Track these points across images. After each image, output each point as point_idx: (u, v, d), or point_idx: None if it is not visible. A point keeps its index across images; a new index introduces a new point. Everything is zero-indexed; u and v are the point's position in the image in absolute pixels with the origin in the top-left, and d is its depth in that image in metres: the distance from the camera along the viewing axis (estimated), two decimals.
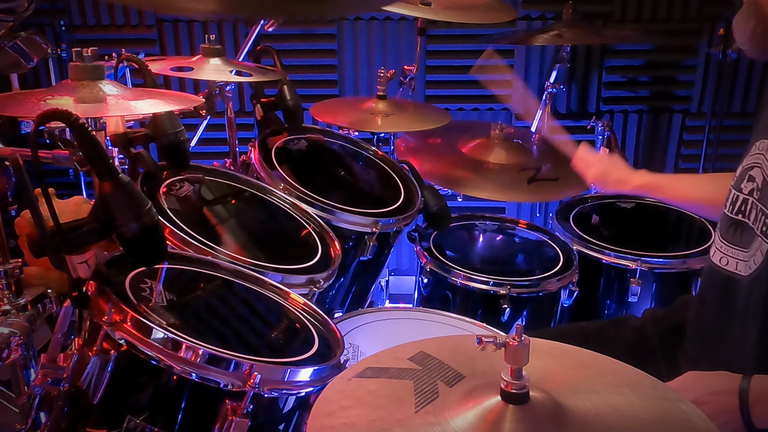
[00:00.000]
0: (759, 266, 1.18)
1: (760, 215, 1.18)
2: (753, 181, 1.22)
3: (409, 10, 2.12)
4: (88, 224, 1.01)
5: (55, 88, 1.27)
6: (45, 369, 1.11)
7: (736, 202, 1.26)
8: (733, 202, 1.27)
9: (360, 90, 2.95)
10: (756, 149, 1.24)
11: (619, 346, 1.47)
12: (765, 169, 1.20)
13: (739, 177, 1.27)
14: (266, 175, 1.74)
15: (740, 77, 2.86)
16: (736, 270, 1.23)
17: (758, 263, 1.18)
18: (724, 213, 1.30)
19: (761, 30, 1.20)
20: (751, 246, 1.20)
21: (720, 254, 1.28)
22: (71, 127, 0.98)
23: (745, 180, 1.24)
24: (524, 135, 2.39)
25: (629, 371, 0.95)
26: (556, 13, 2.70)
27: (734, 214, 1.26)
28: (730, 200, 1.28)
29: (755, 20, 1.20)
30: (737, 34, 1.25)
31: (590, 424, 0.82)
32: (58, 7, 2.76)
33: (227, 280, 1.36)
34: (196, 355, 1.04)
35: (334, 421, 0.83)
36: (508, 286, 1.80)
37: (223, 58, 1.86)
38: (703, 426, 0.84)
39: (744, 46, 1.25)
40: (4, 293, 1.35)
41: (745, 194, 1.24)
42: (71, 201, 1.98)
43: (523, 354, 0.81)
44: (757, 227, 1.19)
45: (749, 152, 1.27)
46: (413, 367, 0.93)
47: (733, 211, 1.26)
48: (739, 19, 1.24)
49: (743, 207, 1.24)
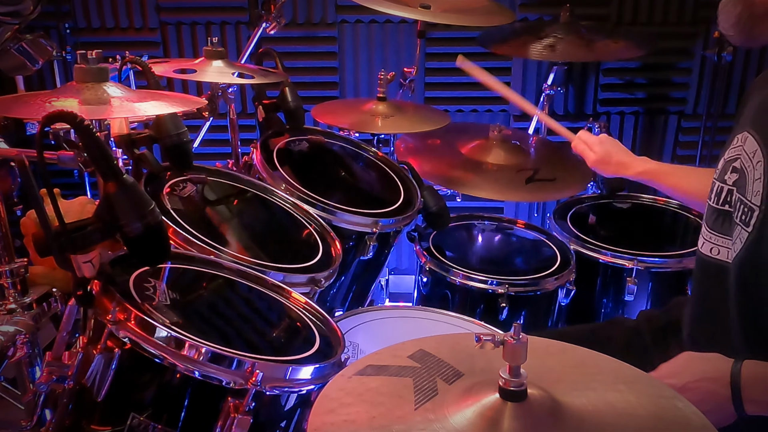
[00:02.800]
0: (737, 253, 1.21)
1: (740, 204, 1.21)
2: (736, 172, 1.24)
3: (408, 13, 2.13)
4: (92, 224, 1.02)
5: (60, 90, 1.28)
6: (50, 367, 1.12)
7: (721, 193, 1.28)
8: (718, 193, 1.29)
9: (360, 92, 2.95)
10: (737, 141, 1.26)
11: (615, 345, 1.49)
12: (744, 160, 1.22)
13: (723, 169, 1.29)
14: (268, 175, 1.75)
15: (735, 79, 2.87)
16: (726, 258, 1.26)
17: (738, 250, 1.21)
18: (709, 204, 1.32)
19: (747, 16, 1.20)
20: (732, 234, 1.23)
21: (709, 244, 1.30)
22: (76, 128, 0.99)
23: (728, 171, 1.26)
24: (522, 136, 2.40)
25: (625, 369, 0.96)
26: (553, 16, 2.71)
27: (720, 205, 1.28)
28: (714, 192, 1.30)
29: (741, 6, 1.20)
30: (722, 19, 1.24)
31: (587, 421, 0.83)
32: (62, 10, 2.77)
33: (230, 280, 1.36)
34: (199, 353, 1.05)
35: (335, 418, 0.83)
36: (506, 285, 1.81)
37: (225, 61, 1.87)
38: (699, 423, 0.84)
39: (728, 32, 1.25)
40: (9, 292, 1.36)
41: (729, 185, 1.26)
42: (76, 201, 2.00)
43: (521, 352, 0.82)
44: (737, 216, 1.21)
45: (731, 144, 1.29)
46: (413, 365, 0.93)
47: (719, 202, 1.28)
48: (726, 4, 1.23)
49: (728, 197, 1.26)
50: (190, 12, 2.85)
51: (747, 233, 1.18)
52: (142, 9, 2.82)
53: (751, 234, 1.17)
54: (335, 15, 2.84)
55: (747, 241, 1.18)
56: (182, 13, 2.85)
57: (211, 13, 2.84)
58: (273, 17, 2.29)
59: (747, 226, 1.18)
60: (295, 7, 2.82)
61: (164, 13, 2.85)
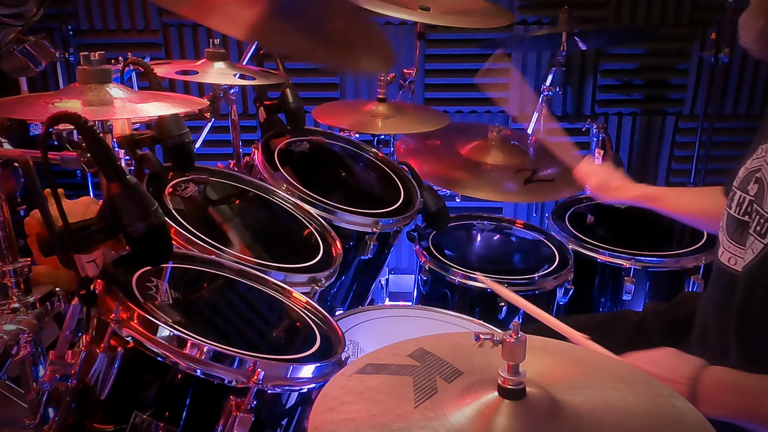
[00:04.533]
0: (748, 263, 1.20)
1: (756, 215, 1.20)
2: (758, 182, 1.23)
3: (408, 15, 2.14)
4: (96, 224, 1.03)
5: (63, 92, 1.28)
6: (53, 365, 1.13)
7: (743, 203, 1.26)
8: (740, 203, 1.27)
9: (360, 93, 2.96)
10: (761, 151, 1.24)
11: (619, 338, 1.48)
12: (765, 171, 1.21)
13: (745, 179, 1.27)
14: (269, 176, 1.75)
15: (732, 80, 2.88)
16: (739, 268, 1.24)
17: (748, 260, 1.20)
18: (729, 214, 1.30)
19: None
20: (746, 244, 1.22)
21: (728, 254, 1.28)
22: (80, 129, 0.99)
23: (751, 182, 1.25)
24: (521, 137, 2.41)
25: (623, 367, 0.97)
26: (552, 18, 2.73)
27: (740, 215, 1.26)
28: (736, 201, 1.28)
29: (764, 20, 1.18)
30: (743, 33, 1.22)
31: (585, 419, 0.83)
32: (65, 12, 2.78)
33: (231, 279, 1.37)
34: (201, 352, 1.05)
35: (336, 417, 0.84)
36: (505, 284, 1.80)
37: (227, 62, 1.87)
38: (695, 421, 0.85)
39: (750, 45, 1.23)
40: (13, 291, 1.36)
41: (751, 196, 1.24)
42: (79, 201, 2.00)
43: (520, 351, 0.83)
44: (752, 227, 1.21)
45: (754, 154, 1.27)
46: (412, 364, 0.94)
47: (740, 212, 1.26)
48: (746, 19, 1.21)
49: (749, 208, 1.24)
50: None
51: (762, 245, 1.17)
52: (145, 11, 2.83)
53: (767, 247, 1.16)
54: None
55: (761, 253, 1.17)
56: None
57: None
58: None
59: (763, 238, 1.17)
60: None
61: (166, 15, 2.85)
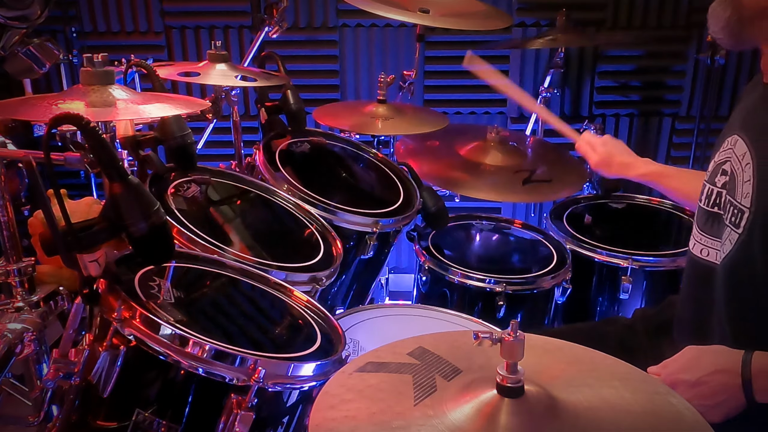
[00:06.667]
0: (727, 254, 1.22)
1: (729, 206, 1.23)
2: (725, 174, 1.26)
3: (408, 17, 2.15)
4: (98, 224, 1.03)
5: (67, 93, 1.29)
6: (57, 364, 1.14)
7: (711, 195, 1.29)
8: (708, 196, 1.30)
9: (361, 94, 2.97)
10: (727, 144, 1.27)
11: (610, 342, 1.50)
12: (734, 163, 1.24)
13: (713, 171, 1.30)
14: (270, 176, 1.76)
15: (727, 82, 2.90)
16: (715, 260, 1.27)
17: (727, 252, 1.22)
18: (699, 206, 1.33)
19: (736, 19, 1.20)
20: (722, 236, 1.24)
21: (700, 246, 1.31)
22: (83, 130, 1.00)
23: (718, 174, 1.28)
24: (519, 138, 2.42)
25: (620, 366, 0.98)
26: (550, 20, 2.74)
27: (710, 207, 1.29)
28: (705, 194, 1.31)
29: (731, 9, 1.20)
30: (712, 23, 1.24)
31: (583, 417, 0.84)
32: (69, 14, 2.80)
33: (233, 278, 1.38)
34: (203, 350, 1.06)
35: (336, 414, 0.85)
36: (503, 283, 1.83)
37: (228, 64, 1.88)
38: (692, 418, 0.86)
39: (717, 35, 1.25)
40: (17, 290, 1.37)
41: (719, 187, 1.27)
42: (82, 201, 2.01)
43: (519, 349, 0.84)
44: (727, 218, 1.23)
45: (721, 147, 1.30)
46: (412, 362, 0.95)
47: (709, 204, 1.30)
48: (715, 8, 1.23)
49: (718, 200, 1.27)
50: (194, 16, 2.87)
51: (737, 235, 1.19)
52: (148, 13, 2.85)
53: (742, 235, 1.19)
54: (336, 19, 2.86)
55: (737, 242, 1.20)
56: (186, 18, 2.88)
57: (215, 17, 2.87)
58: (275, 21, 2.30)
59: (737, 228, 1.20)
60: (297, 11, 2.84)
61: (169, 18, 2.87)
